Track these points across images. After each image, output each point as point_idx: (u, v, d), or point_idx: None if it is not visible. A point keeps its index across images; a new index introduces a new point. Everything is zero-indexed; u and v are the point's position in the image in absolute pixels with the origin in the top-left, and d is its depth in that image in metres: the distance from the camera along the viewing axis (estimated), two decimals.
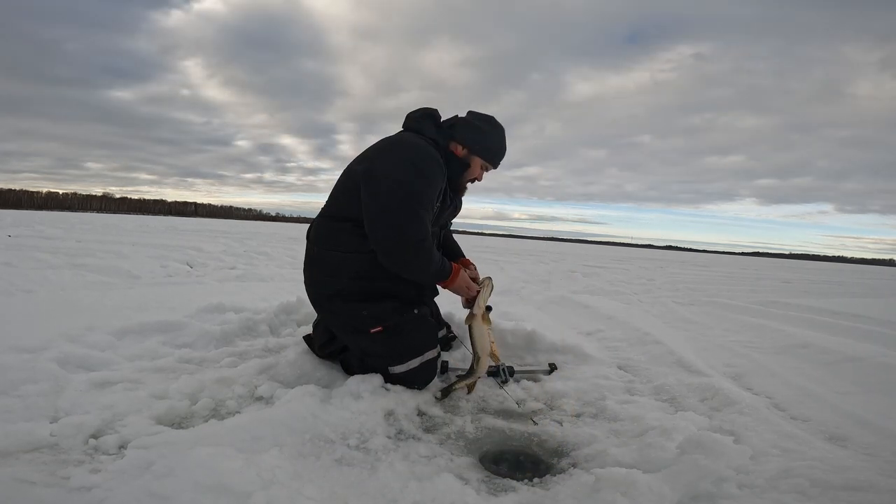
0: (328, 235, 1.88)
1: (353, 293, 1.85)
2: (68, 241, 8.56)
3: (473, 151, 1.91)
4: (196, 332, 2.34)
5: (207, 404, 1.67)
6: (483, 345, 1.92)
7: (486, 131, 1.92)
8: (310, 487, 1.16)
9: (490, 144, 1.94)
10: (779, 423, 1.71)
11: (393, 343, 1.84)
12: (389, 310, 1.84)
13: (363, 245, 1.78)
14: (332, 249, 1.85)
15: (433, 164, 1.75)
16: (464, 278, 1.87)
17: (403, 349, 1.84)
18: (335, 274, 1.86)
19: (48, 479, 1.16)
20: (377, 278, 1.84)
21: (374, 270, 1.81)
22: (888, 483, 1.33)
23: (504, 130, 1.97)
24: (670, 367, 2.43)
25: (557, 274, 8.93)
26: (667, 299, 5.82)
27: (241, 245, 10.44)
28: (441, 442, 1.56)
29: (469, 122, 1.93)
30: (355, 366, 1.95)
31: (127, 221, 27.02)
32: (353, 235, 1.81)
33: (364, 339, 1.86)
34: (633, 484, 1.19)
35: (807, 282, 12.46)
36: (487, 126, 1.93)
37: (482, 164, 1.95)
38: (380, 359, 1.86)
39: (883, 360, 2.53)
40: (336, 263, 1.85)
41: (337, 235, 1.85)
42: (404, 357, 1.84)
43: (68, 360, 1.85)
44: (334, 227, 1.86)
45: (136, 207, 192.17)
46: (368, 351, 1.88)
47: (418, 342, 1.88)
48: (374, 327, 1.83)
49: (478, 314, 1.90)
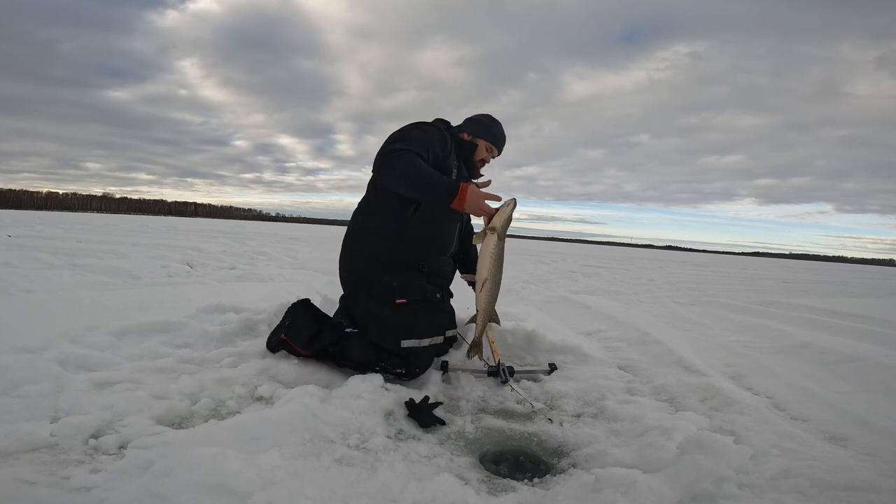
0: (366, 205, 2.12)
1: (393, 260, 2.00)
2: (68, 241, 8.56)
3: (478, 135, 2.23)
4: (196, 332, 2.34)
5: (207, 404, 1.67)
6: (491, 270, 1.81)
7: (485, 121, 2.28)
8: (310, 487, 1.16)
9: (490, 129, 2.26)
10: (779, 423, 1.71)
11: (413, 317, 1.97)
12: (417, 286, 2.01)
13: (398, 213, 2.00)
14: (369, 215, 2.08)
15: (429, 123, 2.07)
16: (475, 192, 1.80)
17: (421, 325, 1.97)
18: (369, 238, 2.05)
19: (48, 479, 1.16)
20: (413, 249, 2.01)
21: (409, 239, 2.00)
22: (888, 483, 1.33)
23: (500, 122, 2.30)
24: (670, 367, 2.43)
25: (557, 274, 8.94)
26: (667, 299, 5.82)
27: (241, 245, 10.45)
28: (441, 442, 1.56)
29: (471, 118, 2.30)
30: (358, 352, 1.96)
31: (127, 221, 27.02)
32: (386, 202, 2.02)
33: (386, 308, 1.97)
34: (633, 484, 1.19)
35: (807, 282, 12.46)
36: (486, 118, 2.30)
37: (486, 145, 2.25)
38: (394, 329, 1.94)
39: (883, 360, 2.53)
40: (369, 228, 2.06)
41: (373, 204, 2.10)
42: (418, 333, 1.95)
43: (68, 360, 1.85)
44: (371, 197, 2.11)
45: (136, 207, 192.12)
46: (387, 321, 1.96)
47: (435, 324, 2.03)
48: (400, 298, 1.97)
49: (496, 227, 1.79)
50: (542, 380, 2.16)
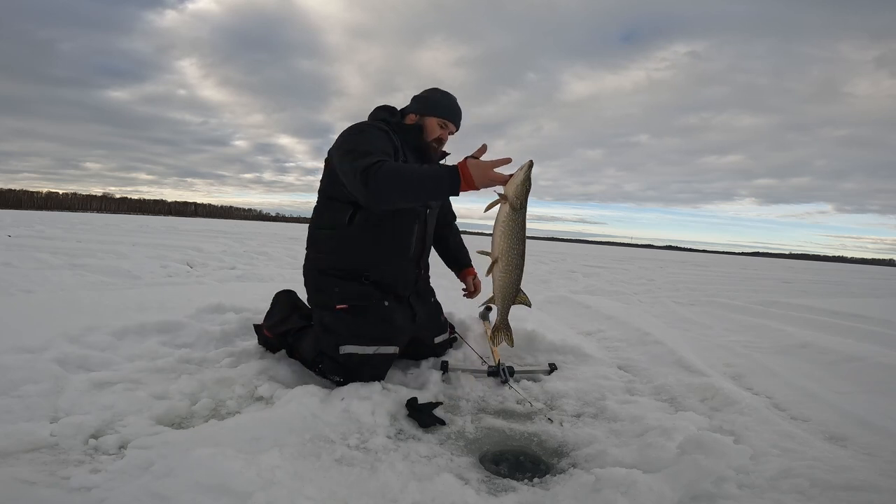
0: (314, 212, 2.05)
1: (329, 268, 1.94)
2: (68, 241, 8.56)
3: (423, 113, 2.02)
4: (196, 332, 2.34)
5: (207, 404, 1.67)
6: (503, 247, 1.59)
7: (430, 96, 2.05)
8: (310, 487, 1.16)
9: (437, 102, 2.03)
10: (779, 423, 1.71)
11: (354, 323, 1.87)
12: (360, 292, 1.91)
13: (337, 220, 1.92)
14: (314, 226, 2.03)
15: (367, 125, 1.92)
16: (477, 165, 1.55)
17: (363, 333, 1.86)
18: (313, 247, 2.01)
19: (48, 479, 1.16)
20: (352, 256, 1.92)
21: (346, 247, 1.92)
22: (888, 483, 1.33)
23: (451, 94, 2.07)
24: (670, 367, 2.43)
25: (557, 274, 8.94)
26: (667, 299, 5.82)
27: (241, 245, 10.45)
28: (441, 442, 1.56)
29: (416, 96, 2.09)
30: (306, 347, 1.96)
31: (127, 221, 27.02)
32: (326, 210, 1.98)
33: (328, 314, 1.91)
34: (633, 484, 1.19)
35: (807, 282, 12.46)
36: (432, 92, 2.07)
37: (438, 122, 2.02)
38: (335, 335, 1.86)
39: (883, 360, 2.53)
40: (314, 237, 2.01)
41: (318, 211, 2.03)
42: (360, 340, 1.85)
43: (68, 360, 1.85)
44: (317, 205, 2.05)
45: (136, 207, 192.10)
46: (329, 327, 1.89)
47: (379, 332, 1.89)
48: (340, 304, 1.89)
49: (507, 195, 1.56)
50: (542, 380, 2.15)
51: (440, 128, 2.02)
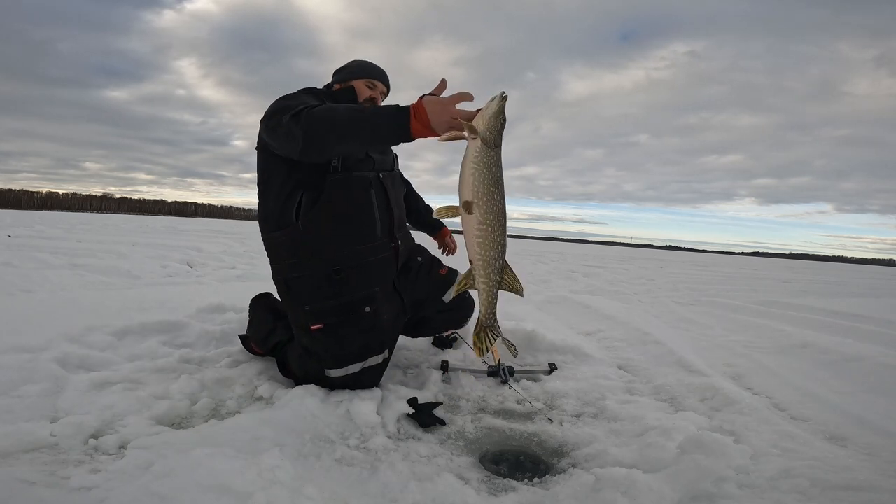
0: (259, 218, 1.84)
1: (294, 277, 1.74)
2: (68, 241, 8.56)
3: (348, 79, 1.95)
4: (196, 332, 2.34)
5: (207, 404, 1.67)
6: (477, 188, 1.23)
7: (352, 65, 1.99)
8: (310, 487, 1.16)
9: (358, 66, 1.98)
10: (779, 423, 1.71)
11: (334, 344, 1.72)
12: (332, 307, 1.72)
13: (283, 217, 1.71)
14: (264, 233, 1.81)
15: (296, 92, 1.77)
16: (435, 102, 1.29)
17: (345, 352, 1.72)
18: (271, 256, 1.81)
19: (48, 479, 1.16)
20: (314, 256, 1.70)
21: (305, 247, 1.71)
22: (888, 483, 1.33)
23: (368, 61, 2.02)
24: (670, 367, 2.43)
25: (557, 274, 8.94)
26: (667, 299, 5.82)
27: (241, 245, 10.44)
28: (441, 442, 1.56)
29: (337, 69, 2.01)
30: (293, 363, 1.84)
31: (127, 221, 27.03)
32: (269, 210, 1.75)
33: (305, 336, 1.77)
34: (633, 484, 1.19)
35: (807, 282, 12.46)
36: (352, 62, 2.00)
37: (365, 83, 1.94)
38: (317, 358, 1.73)
39: (883, 360, 2.53)
40: (268, 245, 1.81)
41: (262, 215, 1.80)
42: (342, 361, 1.72)
43: (68, 360, 1.85)
44: (259, 207, 1.83)
45: (136, 207, 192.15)
46: (309, 349, 1.77)
47: (360, 346, 1.74)
48: (314, 324, 1.73)
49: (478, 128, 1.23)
50: (541, 380, 2.16)
51: (369, 88, 1.93)
